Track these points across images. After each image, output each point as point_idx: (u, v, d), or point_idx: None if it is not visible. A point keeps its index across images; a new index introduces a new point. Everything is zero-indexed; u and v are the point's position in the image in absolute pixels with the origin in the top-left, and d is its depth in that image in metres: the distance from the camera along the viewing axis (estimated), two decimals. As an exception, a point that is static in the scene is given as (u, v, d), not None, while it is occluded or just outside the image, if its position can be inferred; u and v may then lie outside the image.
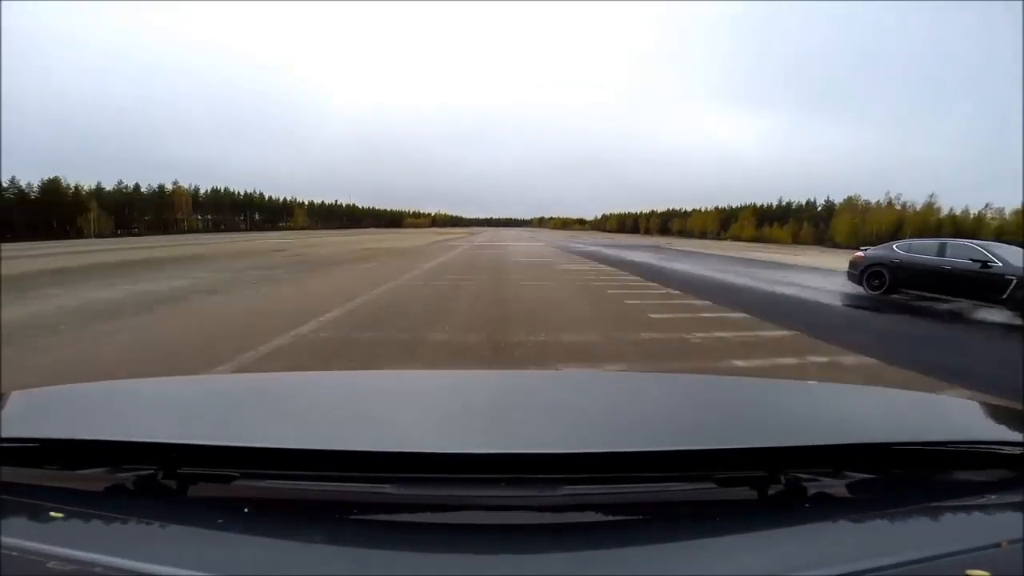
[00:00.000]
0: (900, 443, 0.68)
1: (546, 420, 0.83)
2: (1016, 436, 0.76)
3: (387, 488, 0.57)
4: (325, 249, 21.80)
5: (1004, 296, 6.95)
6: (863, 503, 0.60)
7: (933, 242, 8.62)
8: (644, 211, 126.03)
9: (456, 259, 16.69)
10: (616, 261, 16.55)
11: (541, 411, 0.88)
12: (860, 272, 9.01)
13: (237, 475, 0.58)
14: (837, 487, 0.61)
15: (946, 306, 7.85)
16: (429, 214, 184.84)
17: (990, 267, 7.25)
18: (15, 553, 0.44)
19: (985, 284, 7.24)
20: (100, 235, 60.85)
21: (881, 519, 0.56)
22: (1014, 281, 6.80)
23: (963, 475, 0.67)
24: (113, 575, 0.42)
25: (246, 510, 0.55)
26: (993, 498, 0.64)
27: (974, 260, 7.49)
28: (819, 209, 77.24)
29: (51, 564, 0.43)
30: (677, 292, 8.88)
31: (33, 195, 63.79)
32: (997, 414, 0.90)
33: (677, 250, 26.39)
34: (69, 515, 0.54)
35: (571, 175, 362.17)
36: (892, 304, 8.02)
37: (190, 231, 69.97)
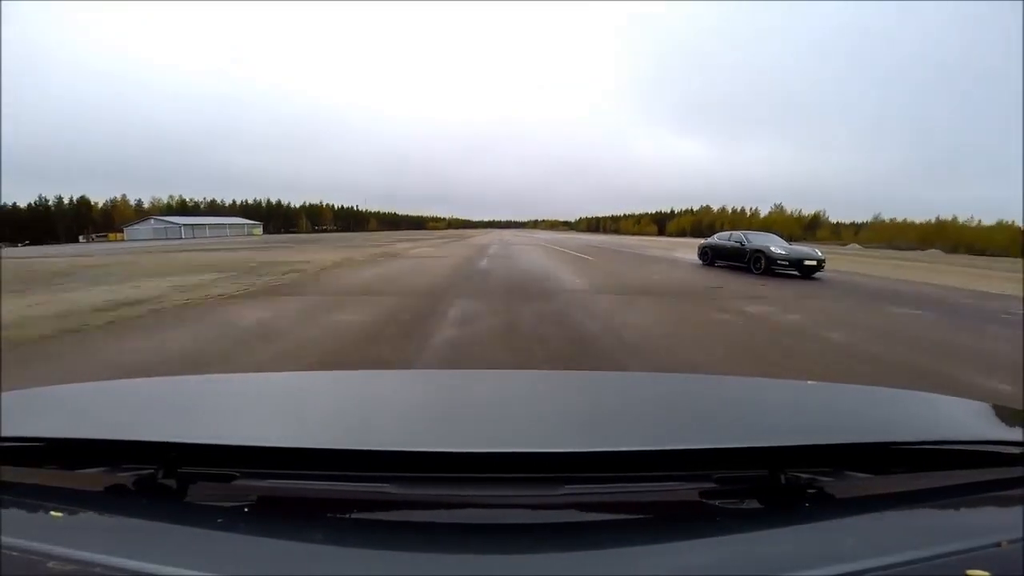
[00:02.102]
0: (900, 443, 0.68)
1: (546, 420, 0.83)
2: (1016, 436, 0.75)
3: (387, 488, 0.57)
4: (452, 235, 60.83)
5: (747, 260, 12.61)
6: (863, 503, 0.60)
7: (728, 232, 14.70)
8: (605, 215, 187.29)
9: (497, 236, 50.71)
10: (533, 239, 41.08)
11: (541, 411, 0.88)
12: (699, 252, 15.23)
13: (237, 475, 0.58)
14: (837, 487, 0.61)
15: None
16: (445, 218, 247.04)
17: (743, 245, 12.98)
18: (15, 553, 0.44)
19: (742, 255, 12.84)
20: (307, 231, 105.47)
21: (881, 519, 0.56)
22: (749, 252, 12.58)
23: (963, 475, 0.67)
24: (113, 575, 0.42)
25: (246, 510, 0.55)
26: (993, 498, 0.64)
27: (737, 241, 13.38)
28: (692, 213, 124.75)
29: (51, 564, 0.43)
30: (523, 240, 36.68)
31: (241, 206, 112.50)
32: (997, 414, 0.90)
33: (574, 238, 52.00)
34: (69, 515, 0.54)
35: (561, 183, 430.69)
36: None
37: (328, 231, 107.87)
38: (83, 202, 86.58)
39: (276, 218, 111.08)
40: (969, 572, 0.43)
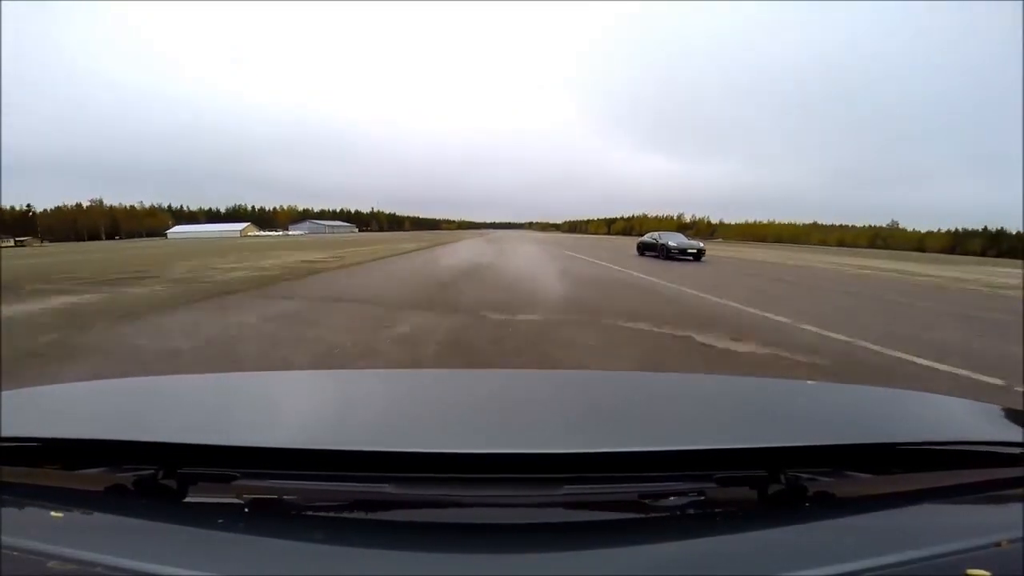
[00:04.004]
0: (900, 443, 0.68)
1: (546, 419, 0.83)
2: (1016, 436, 0.75)
3: (387, 488, 0.57)
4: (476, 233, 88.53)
5: (659, 251, 18.29)
6: (863, 503, 0.60)
7: (651, 232, 21.13)
8: (581, 219, 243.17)
9: (502, 234, 72.27)
10: (511, 235, 70.00)
11: (541, 410, 0.88)
12: (636, 247, 21.18)
13: (237, 475, 0.58)
14: (837, 487, 0.61)
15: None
16: (455, 220, 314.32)
17: (658, 240, 18.93)
18: (15, 553, 0.44)
19: (659, 248, 18.59)
20: (380, 230, 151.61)
21: (881, 519, 0.56)
22: (659, 245, 18.49)
23: (963, 475, 0.67)
24: (113, 575, 0.42)
25: (246, 510, 0.55)
26: (993, 498, 0.64)
27: (654, 238, 19.60)
28: (630, 218, 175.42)
29: (51, 564, 0.43)
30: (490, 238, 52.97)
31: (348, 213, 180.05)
32: (997, 414, 0.90)
33: (540, 236, 67.97)
34: (69, 515, 0.53)
35: (557, 189, 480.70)
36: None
37: (380, 231, 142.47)
38: (260, 209, 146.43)
39: (351, 221, 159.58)
40: (969, 572, 0.43)
